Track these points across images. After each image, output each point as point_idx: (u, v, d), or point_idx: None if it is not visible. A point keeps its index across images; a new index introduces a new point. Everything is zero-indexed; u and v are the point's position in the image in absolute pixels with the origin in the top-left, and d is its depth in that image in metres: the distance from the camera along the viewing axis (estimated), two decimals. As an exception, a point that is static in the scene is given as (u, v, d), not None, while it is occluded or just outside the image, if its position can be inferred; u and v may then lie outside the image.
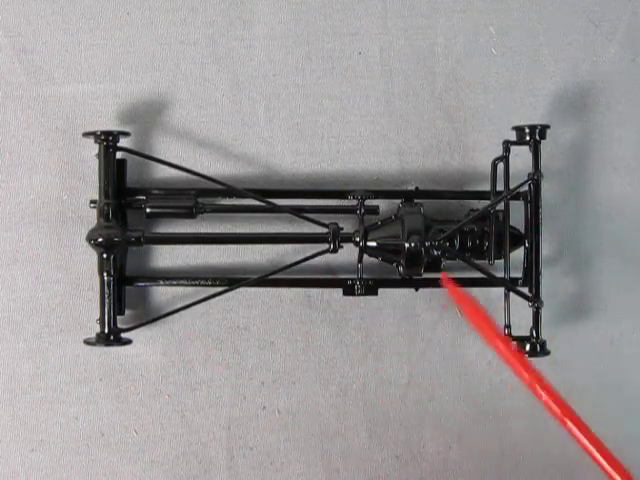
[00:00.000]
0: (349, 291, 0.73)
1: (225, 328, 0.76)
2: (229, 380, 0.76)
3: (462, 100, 0.78)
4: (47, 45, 0.75)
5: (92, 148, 0.72)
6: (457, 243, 0.73)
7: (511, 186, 0.73)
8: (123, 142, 0.72)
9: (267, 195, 0.73)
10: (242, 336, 0.76)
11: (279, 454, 0.76)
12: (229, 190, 0.73)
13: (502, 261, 0.74)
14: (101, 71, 0.75)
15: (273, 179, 0.76)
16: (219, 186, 0.73)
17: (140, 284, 0.74)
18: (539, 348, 0.73)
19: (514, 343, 0.72)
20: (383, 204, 0.75)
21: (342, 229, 0.72)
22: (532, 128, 0.73)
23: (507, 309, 0.73)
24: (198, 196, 0.73)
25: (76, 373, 0.75)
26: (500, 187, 0.74)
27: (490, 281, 0.74)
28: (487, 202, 0.74)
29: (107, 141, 0.70)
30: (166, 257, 0.76)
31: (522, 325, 0.74)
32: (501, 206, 0.74)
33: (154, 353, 0.75)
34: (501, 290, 0.74)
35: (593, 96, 0.79)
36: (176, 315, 0.73)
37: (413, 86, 0.77)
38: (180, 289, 0.75)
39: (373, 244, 0.72)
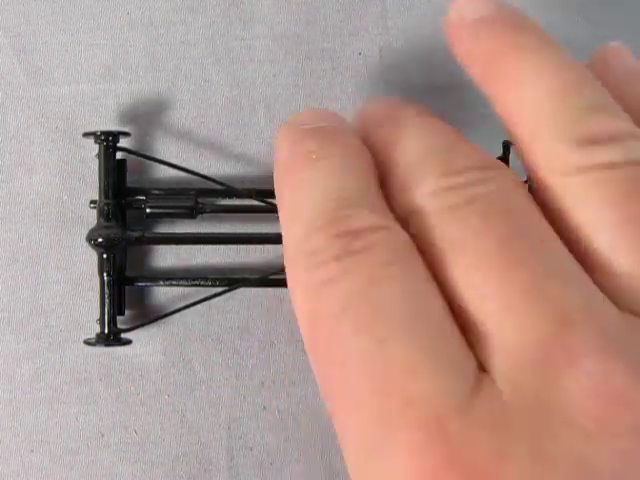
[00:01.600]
0: (349, 291, 0.73)
1: (225, 328, 0.76)
2: (229, 380, 0.76)
3: (462, 100, 0.78)
4: (47, 45, 0.75)
5: (92, 148, 0.72)
6: (457, 243, 0.73)
7: (511, 186, 0.73)
8: (123, 142, 0.72)
9: (267, 195, 0.73)
10: (242, 336, 0.76)
11: (279, 454, 0.76)
12: (229, 190, 0.73)
13: (502, 261, 0.73)
14: (101, 71, 0.75)
15: (273, 179, 0.76)
16: (219, 186, 0.73)
17: (140, 284, 0.74)
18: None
19: None
20: (383, 204, 0.75)
21: (342, 229, 0.72)
22: (532, 128, 0.73)
23: (507, 309, 0.73)
24: (198, 196, 0.72)
25: (76, 373, 0.74)
26: (500, 187, 0.74)
27: (490, 281, 0.74)
28: (487, 202, 0.74)
29: (107, 141, 0.70)
30: (166, 257, 0.76)
31: (522, 325, 0.74)
32: (501, 206, 0.74)
33: (154, 353, 0.75)
34: (501, 290, 0.74)
35: (593, 96, 0.79)
36: (176, 315, 0.73)
37: (413, 86, 0.77)
38: (180, 289, 0.75)
39: (373, 244, 0.72)
